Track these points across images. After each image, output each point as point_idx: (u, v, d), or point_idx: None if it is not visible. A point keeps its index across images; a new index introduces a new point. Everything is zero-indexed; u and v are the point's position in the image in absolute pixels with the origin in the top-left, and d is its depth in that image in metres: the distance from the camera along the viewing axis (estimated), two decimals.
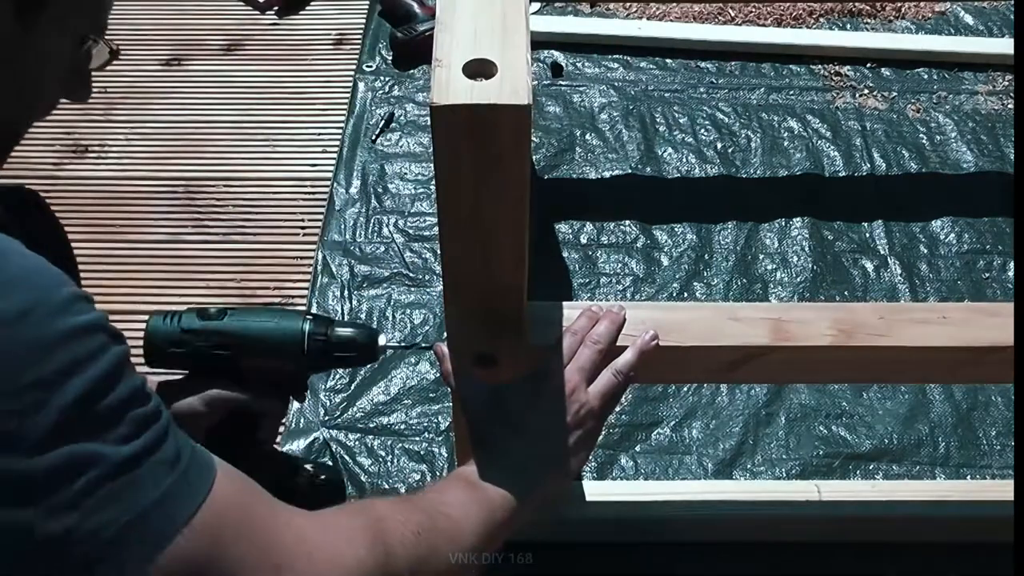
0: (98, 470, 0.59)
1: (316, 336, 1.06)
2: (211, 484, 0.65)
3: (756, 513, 1.35)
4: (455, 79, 0.85)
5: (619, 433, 1.53)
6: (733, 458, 1.50)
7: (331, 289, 1.72)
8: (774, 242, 1.81)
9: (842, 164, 1.96)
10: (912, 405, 1.56)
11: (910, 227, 1.84)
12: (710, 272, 1.76)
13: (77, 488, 0.58)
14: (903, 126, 2.03)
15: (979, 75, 2.14)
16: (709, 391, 1.58)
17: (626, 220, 1.83)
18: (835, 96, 2.09)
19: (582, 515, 1.35)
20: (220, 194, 1.88)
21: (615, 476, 1.49)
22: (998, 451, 1.51)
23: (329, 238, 1.80)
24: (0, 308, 0.58)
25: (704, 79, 2.12)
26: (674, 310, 1.25)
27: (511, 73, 0.86)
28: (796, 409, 1.56)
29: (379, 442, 1.52)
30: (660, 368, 1.20)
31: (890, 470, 1.49)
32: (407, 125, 2.02)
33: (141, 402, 0.63)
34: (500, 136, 0.86)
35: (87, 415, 0.60)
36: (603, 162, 1.96)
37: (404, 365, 1.61)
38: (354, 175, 1.92)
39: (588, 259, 1.78)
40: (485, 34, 0.90)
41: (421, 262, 1.77)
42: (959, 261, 1.78)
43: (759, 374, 1.19)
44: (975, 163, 1.96)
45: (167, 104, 2.07)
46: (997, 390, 1.58)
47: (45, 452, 0.58)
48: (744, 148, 1.98)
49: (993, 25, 2.25)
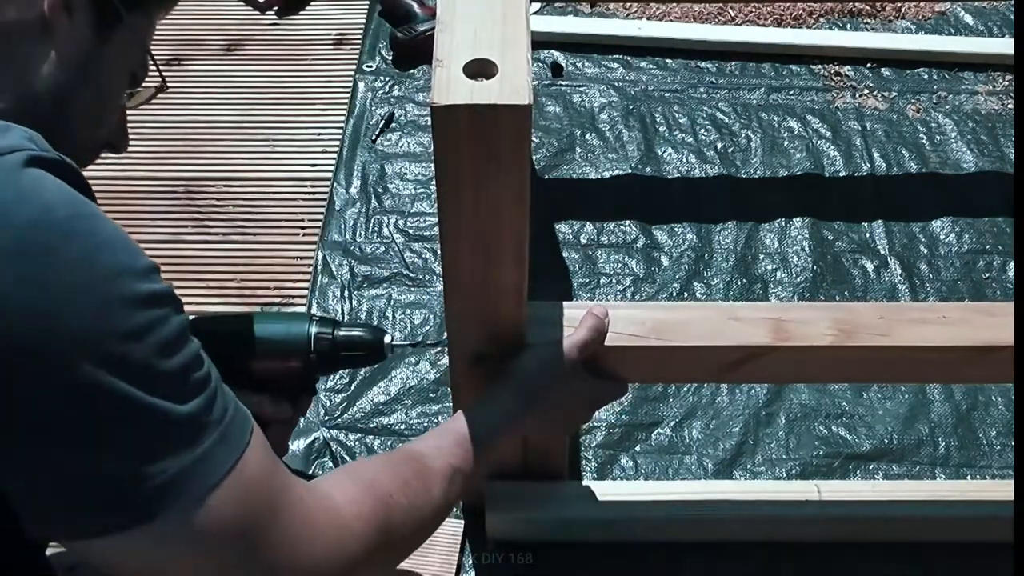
0: (160, 423, 0.67)
1: (323, 337, 1.06)
2: (244, 448, 0.73)
3: (756, 513, 1.35)
4: (455, 79, 0.86)
5: (619, 433, 1.53)
6: (733, 458, 1.50)
7: (331, 289, 1.72)
8: (774, 242, 1.81)
9: (842, 164, 1.96)
10: (912, 405, 1.56)
11: (910, 227, 1.84)
12: (710, 272, 1.76)
13: (141, 435, 0.67)
14: (903, 126, 2.03)
15: (979, 75, 2.14)
16: (709, 391, 1.58)
17: (626, 220, 1.83)
18: (835, 96, 2.09)
19: (582, 515, 1.35)
20: (220, 194, 1.88)
21: (615, 476, 1.49)
22: (998, 451, 1.51)
23: (329, 238, 1.80)
24: (100, 263, 0.66)
25: (704, 79, 2.12)
26: (674, 310, 1.25)
27: (511, 73, 0.86)
28: (796, 409, 1.56)
29: (379, 442, 1.52)
30: (660, 368, 1.20)
31: (890, 470, 1.49)
32: (407, 125, 2.02)
33: (198, 365, 0.72)
34: (500, 136, 0.86)
35: (157, 371, 0.68)
36: (603, 162, 1.96)
37: (404, 365, 1.61)
38: (354, 175, 1.91)
39: (588, 259, 1.78)
40: (485, 34, 0.90)
41: (421, 262, 1.77)
42: (959, 261, 1.78)
43: (759, 374, 1.19)
44: (975, 163, 1.96)
45: (167, 104, 2.07)
46: (997, 390, 1.58)
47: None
48: (744, 148, 1.98)
49: (993, 25, 2.25)
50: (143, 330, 0.67)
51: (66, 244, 0.65)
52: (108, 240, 0.68)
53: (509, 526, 1.34)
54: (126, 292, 0.67)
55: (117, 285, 0.66)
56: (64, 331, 0.64)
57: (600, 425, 1.53)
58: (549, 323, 1.12)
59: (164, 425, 0.68)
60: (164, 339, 0.68)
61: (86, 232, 0.66)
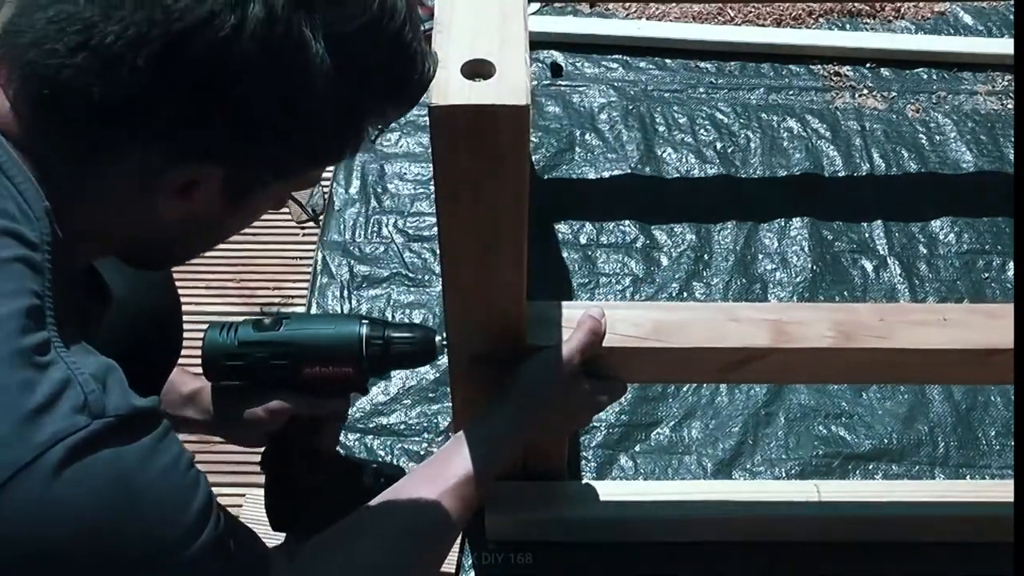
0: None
1: (374, 340, 1.06)
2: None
3: (756, 513, 1.35)
4: (453, 80, 0.86)
5: (619, 433, 1.52)
6: (733, 458, 1.50)
7: (331, 289, 1.72)
8: (773, 242, 1.81)
9: (841, 164, 1.96)
10: (911, 405, 1.56)
11: (909, 227, 1.84)
12: (709, 272, 1.76)
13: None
14: (902, 126, 2.03)
15: (978, 75, 2.14)
16: (709, 391, 1.58)
17: (626, 220, 1.83)
18: (834, 96, 2.09)
19: (582, 515, 1.35)
20: None
21: (615, 476, 1.48)
22: (997, 451, 1.51)
23: (329, 238, 1.80)
24: (152, 551, 0.69)
25: (704, 79, 2.12)
26: (674, 310, 1.25)
27: (509, 73, 0.86)
28: (795, 409, 1.56)
29: (379, 442, 1.52)
30: (660, 369, 1.20)
31: (889, 470, 1.49)
32: (406, 125, 2.02)
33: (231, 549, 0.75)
34: (499, 136, 0.86)
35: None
36: (603, 162, 1.96)
37: None
38: (353, 175, 1.91)
39: (588, 259, 1.78)
40: (483, 35, 0.90)
41: (421, 262, 1.77)
42: (958, 261, 1.78)
43: (759, 374, 1.19)
44: (974, 163, 1.96)
45: None
46: (996, 390, 1.57)
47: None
48: (743, 148, 1.98)
49: (992, 25, 2.25)
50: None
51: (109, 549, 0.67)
52: (155, 519, 0.69)
53: (509, 526, 1.34)
54: (184, 561, 0.70)
55: (166, 565, 0.69)
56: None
57: (599, 425, 1.53)
58: (548, 323, 1.12)
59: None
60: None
61: (127, 528, 0.68)
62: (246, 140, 0.71)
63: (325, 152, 0.78)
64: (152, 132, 0.69)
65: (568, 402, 1.10)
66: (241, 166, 0.73)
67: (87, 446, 0.65)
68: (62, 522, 0.64)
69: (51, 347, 0.67)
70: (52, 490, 0.63)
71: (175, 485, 0.70)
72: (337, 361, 1.05)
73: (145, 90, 0.66)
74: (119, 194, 0.73)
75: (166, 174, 0.71)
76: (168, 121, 0.68)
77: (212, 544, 0.72)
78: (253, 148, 0.72)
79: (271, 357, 1.05)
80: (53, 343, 0.67)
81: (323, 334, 1.05)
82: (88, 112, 0.67)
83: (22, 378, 0.64)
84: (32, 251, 0.68)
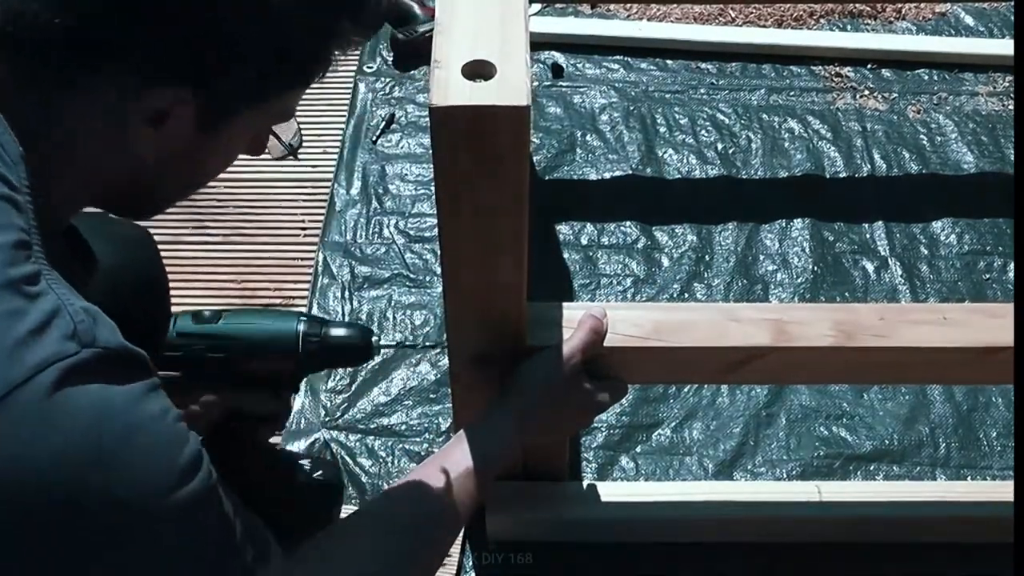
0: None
1: (311, 337, 1.06)
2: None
3: (756, 514, 1.35)
4: (454, 80, 0.86)
5: (619, 434, 1.52)
6: (734, 459, 1.50)
7: (332, 290, 1.72)
8: (774, 243, 1.81)
9: (842, 165, 1.96)
10: (912, 406, 1.56)
11: (910, 228, 1.84)
12: (711, 273, 1.76)
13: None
14: (903, 127, 2.03)
15: (979, 76, 2.14)
16: (710, 392, 1.58)
17: (627, 221, 1.83)
18: (835, 97, 2.09)
19: (582, 515, 1.35)
20: (220, 195, 1.88)
21: (615, 477, 1.48)
22: (998, 452, 1.51)
23: (330, 239, 1.80)
24: (135, 488, 0.66)
25: (705, 80, 2.12)
26: (674, 311, 1.25)
27: (510, 74, 0.86)
28: (797, 410, 1.56)
29: (380, 443, 1.52)
30: (661, 369, 1.20)
31: (891, 471, 1.49)
32: (408, 126, 2.02)
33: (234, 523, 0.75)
34: (499, 137, 0.86)
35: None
36: (604, 163, 1.96)
37: (404, 366, 1.61)
38: (355, 176, 1.92)
39: (588, 260, 1.78)
40: (484, 35, 0.90)
41: (422, 263, 1.77)
42: (959, 262, 1.78)
43: (759, 374, 1.19)
44: (975, 164, 1.96)
45: None
46: (997, 391, 1.57)
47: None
48: (745, 149, 1.98)
49: (993, 26, 2.25)
50: (186, 543, 0.70)
51: (96, 477, 0.64)
52: (140, 460, 0.66)
53: (509, 526, 1.34)
54: (165, 515, 0.68)
55: (153, 509, 0.67)
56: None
57: (600, 426, 1.53)
58: (549, 324, 1.12)
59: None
60: (204, 527, 0.72)
61: (113, 465, 0.65)
62: (215, 59, 0.71)
63: (292, 74, 0.78)
64: (119, 57, 0.69)
65: (569, 401, 1.10)
66: (210, 91, 0.73)
67: (77, 374, 0.64)
68: (48, 447, 0.62)
69: (41, 278, 0.66)
70: (45, 410, 0.62)
71: (164, 430, 0.69)
72: (274, 356, 1.05)
73: (110, 13, 0.67)
74: (92, 134, 0.73)
75: (136, 104, 0.71)
76: (135, 44, 0.68)
77: (205, 492, 0.71)
78: (220, 68, 0.72)
79: (208, 350, 1.04)
80: (43, 274, 0.66)
81: (261, 329, 1.05)
82: (53, 42, 0.67)
83: (11, 307, 0.63)
84: (14, 192, 0.68)
